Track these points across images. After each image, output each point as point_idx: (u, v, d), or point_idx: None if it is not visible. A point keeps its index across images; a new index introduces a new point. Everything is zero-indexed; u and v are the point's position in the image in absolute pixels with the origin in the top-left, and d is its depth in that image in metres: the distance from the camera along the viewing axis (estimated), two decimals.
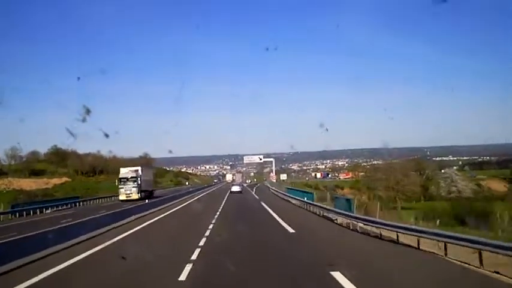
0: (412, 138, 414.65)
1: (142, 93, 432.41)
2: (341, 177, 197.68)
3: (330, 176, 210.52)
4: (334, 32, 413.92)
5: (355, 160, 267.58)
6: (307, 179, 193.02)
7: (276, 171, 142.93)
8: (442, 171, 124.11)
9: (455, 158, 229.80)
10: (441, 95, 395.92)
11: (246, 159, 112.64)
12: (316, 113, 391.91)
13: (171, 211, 41.47)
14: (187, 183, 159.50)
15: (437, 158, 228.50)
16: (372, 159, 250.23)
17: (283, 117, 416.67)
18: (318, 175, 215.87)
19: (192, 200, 58.50)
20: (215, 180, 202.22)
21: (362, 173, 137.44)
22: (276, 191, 73.68)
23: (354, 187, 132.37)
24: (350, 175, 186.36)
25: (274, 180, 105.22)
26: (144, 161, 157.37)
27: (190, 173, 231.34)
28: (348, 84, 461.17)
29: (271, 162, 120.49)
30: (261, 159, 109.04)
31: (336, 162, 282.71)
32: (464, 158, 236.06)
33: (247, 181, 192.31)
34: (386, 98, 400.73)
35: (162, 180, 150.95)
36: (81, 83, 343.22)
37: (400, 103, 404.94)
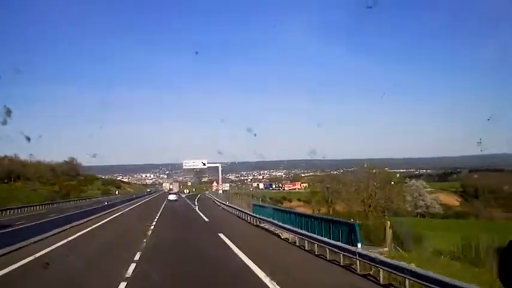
0: (348, 149, 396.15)
1: (73, 99, 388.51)
2: (286, 188, 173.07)
3: (273, 186, 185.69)
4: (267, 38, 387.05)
5: (293, 171, 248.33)
6: (250, 189, 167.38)
7: (216, 180, 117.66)
8: (410, 182, 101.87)
9: (391, 171, 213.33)
10: (376, 107, 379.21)
11: (185, 165, 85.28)
12: (251, 124, 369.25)
13: None
14: (117, 192, 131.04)
15: (374, 171, 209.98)
16: (308, 170, 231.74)
17: (219, 127, 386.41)
18: (261, 185, 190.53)
19: (75, 236, 24.96)
20: (148, 190, 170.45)
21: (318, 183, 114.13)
22: (232, 208, 45.76)
23: (309, 200, 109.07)
24: (296, 185, 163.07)
25: (220, 191, 78.27)
26: (70, 166, 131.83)
27: (124, 182, 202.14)
28: (284, 94, 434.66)
29: (216, 168, 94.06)
30: (204, 164, 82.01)
31: (274, 173, 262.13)
32: (401, 170, 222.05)
33: (185, 191, 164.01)
34: (320, 108, 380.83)
35: (87, 188, 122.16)
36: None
37: (334, 114, 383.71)
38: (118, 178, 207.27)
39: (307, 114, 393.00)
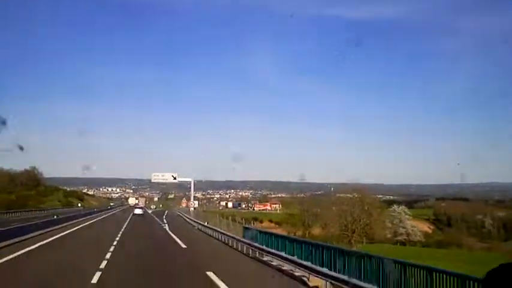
0: (312, 173, 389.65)
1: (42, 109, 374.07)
2: (256, 208, 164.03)
3: (243, 205, 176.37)
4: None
5: (259, 191, 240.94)
6: (220, 208, 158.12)
7: (186, 196, 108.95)
8: (391, 208, 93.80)
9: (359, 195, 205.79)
10: (345, 133, 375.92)
11: (154, 178, 75.03)
12: (221, 143, 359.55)
13: None
14: (79, 204, 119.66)
15: (342, 195, 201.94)
16: (275, 191, 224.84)
17: (186, 145, 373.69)
18: (230, 204, 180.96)
19: None
20: (111, 204, 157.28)
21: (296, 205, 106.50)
22: (211, 229, 35.29)
23: (282, 221, 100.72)
24: (267, 206, 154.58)
25: (192, 208, 68.70)
26: (31, 176, 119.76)
27: (88, 194, 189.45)
28: (257, 116, 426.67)
29: (183, 185, 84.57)
30: (174, 178, 71.99)
31: (240, 193, 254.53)
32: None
33: (152, 206, 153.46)
34: (291, 133, 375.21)
35: (46, 199, 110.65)
36: None
37: (304, 138, 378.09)
38: (84, 191, 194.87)
39: (277, 137, 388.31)
